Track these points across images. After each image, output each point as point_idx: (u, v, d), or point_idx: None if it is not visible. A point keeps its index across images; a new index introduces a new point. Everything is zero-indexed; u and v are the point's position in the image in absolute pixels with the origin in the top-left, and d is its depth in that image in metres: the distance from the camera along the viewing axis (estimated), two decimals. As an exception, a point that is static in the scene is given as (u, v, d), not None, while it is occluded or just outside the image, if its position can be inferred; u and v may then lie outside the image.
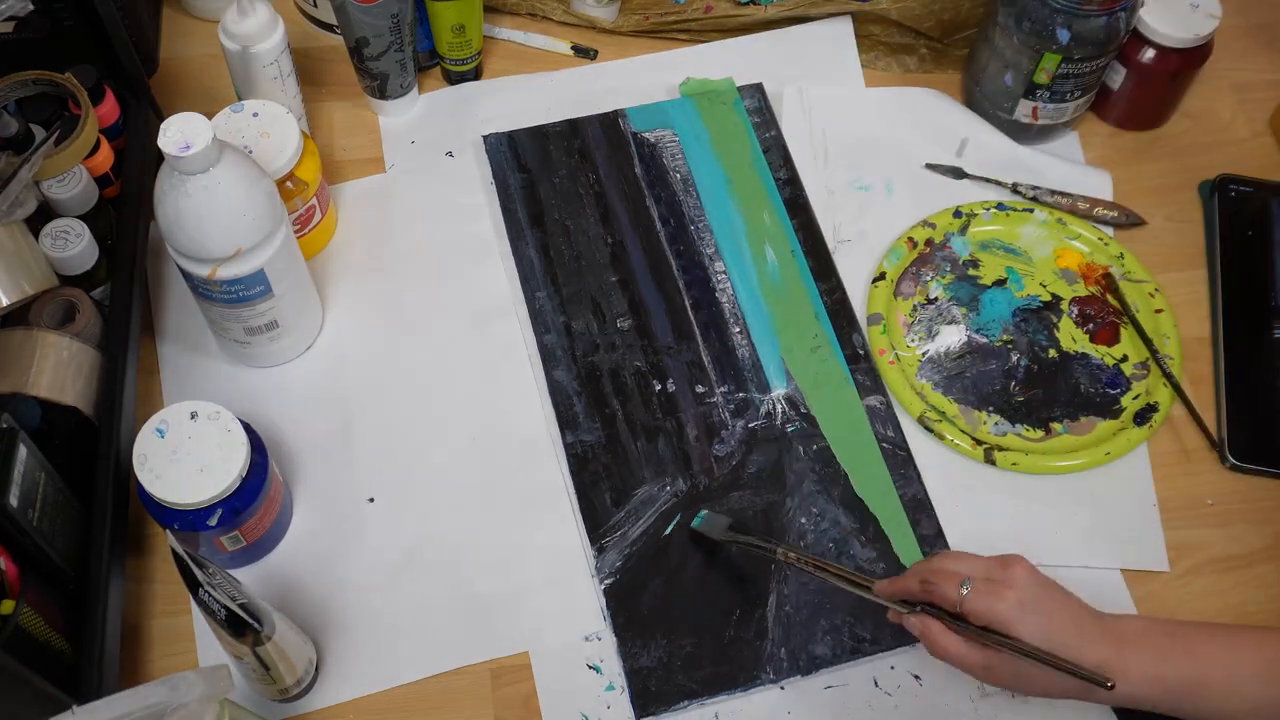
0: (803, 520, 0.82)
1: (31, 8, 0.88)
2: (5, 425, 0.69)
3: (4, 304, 0.76)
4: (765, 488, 0.83)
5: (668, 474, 0.83)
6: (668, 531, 0.81)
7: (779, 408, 0.86)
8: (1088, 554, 0.82)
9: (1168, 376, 0.86)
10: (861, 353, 0.89)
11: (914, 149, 0.99)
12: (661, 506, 0.82)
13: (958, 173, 0.97)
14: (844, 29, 1.04)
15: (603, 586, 0.79)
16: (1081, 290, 0.92)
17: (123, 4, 0.90)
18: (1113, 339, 0.89)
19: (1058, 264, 0.93)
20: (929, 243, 0.93)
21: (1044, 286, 0.92)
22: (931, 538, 0.81)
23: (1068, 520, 0.83)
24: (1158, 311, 0.90)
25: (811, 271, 0.92)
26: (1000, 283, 0.92)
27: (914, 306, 0.91)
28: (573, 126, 0.98)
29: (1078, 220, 0.94)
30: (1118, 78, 0.98)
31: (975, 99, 1.00)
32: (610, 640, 0.77)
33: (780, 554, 0.74)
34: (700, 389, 0.87)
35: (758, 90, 1.01)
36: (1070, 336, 0.89)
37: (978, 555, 0.69)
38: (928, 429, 0.85)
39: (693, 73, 1.02)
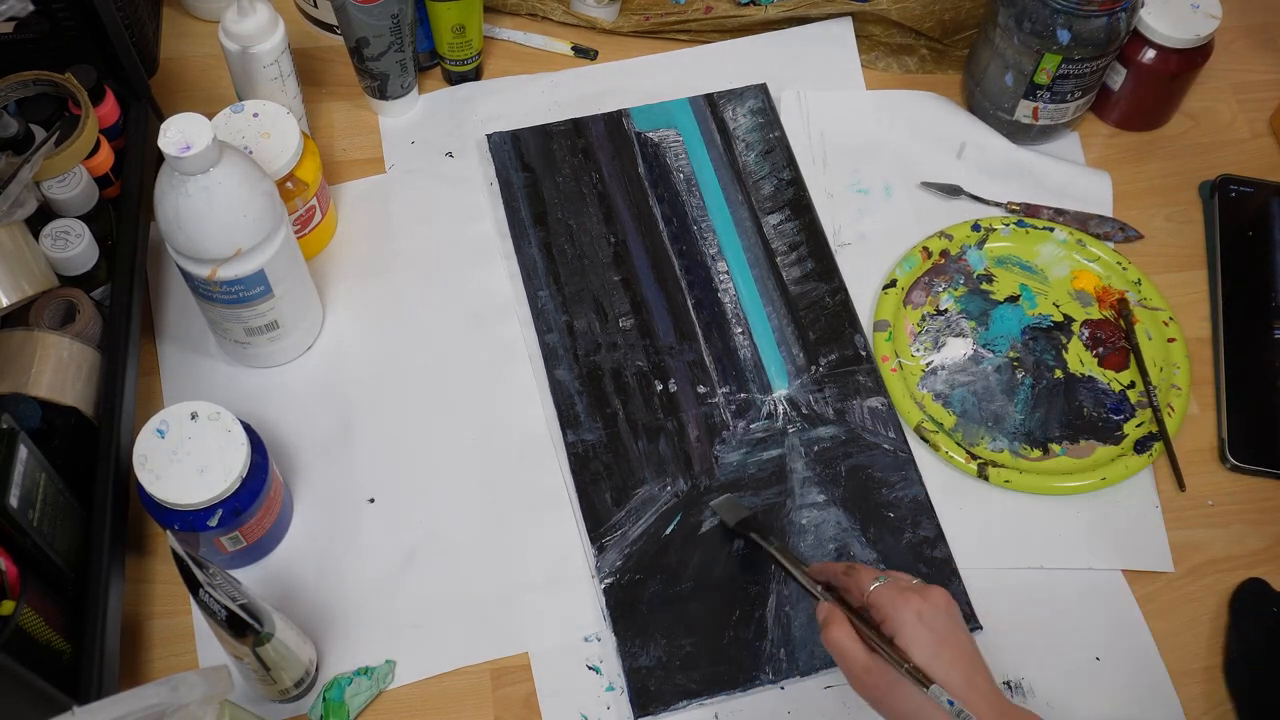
0: (803, 521, 0.82)
1: (31, 8, 0.88)
2: (5, 425, 0.69)
3: (4, 304, 0.76)
4: (766, 488, 0.83)
5: (669, 474, 0.83)
6: (668, 531, 0.81)
7: (780, 408, 0.86)
8: (1090, 556, 0.82)
9: (1155, 410, 0.86)
10: (863, 354, 0.89)
11: (912, 153, 0.99)
12: (662, 506, 0.82)
13: (954, 190, 0.96)
14: (844, 30, 1.04)
15: (603, 586, 0.79)
16: (1095, 313, 0.91)
17: (123, 4, 0.90)
18: (1122, 364, 0.89)
19: (1073, 285, 0.92)
20: (944, 254, 0.93)
21: (1057, 306, 0.91)
22: (933, 539, 0.82)
23: (1070, 522, 0.83)
24: (1170, 341, 0.89)
25: (815, 273, 0.92)
26: (1013, 299, 0.92)
27: (923, 316, 0.91)
28: (576, 126, 0.98)
29: (1097, 242, 0.93)
30: (1118, 78, 0.98)
31: (975, 99, 1.00)
32: (610, 640, 0.77)
33: (775, 548, 0.75)
34: (702, 389, 0.87)
35: (761, 91, 1.01)
36: (1079, 359, 0.89)
37: (914, 578, 0.68)
38: (923, 439, 0.85)
39: (693, 73, 1.02)
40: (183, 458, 0.72)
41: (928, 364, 0.89)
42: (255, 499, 0.74)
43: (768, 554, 0.76)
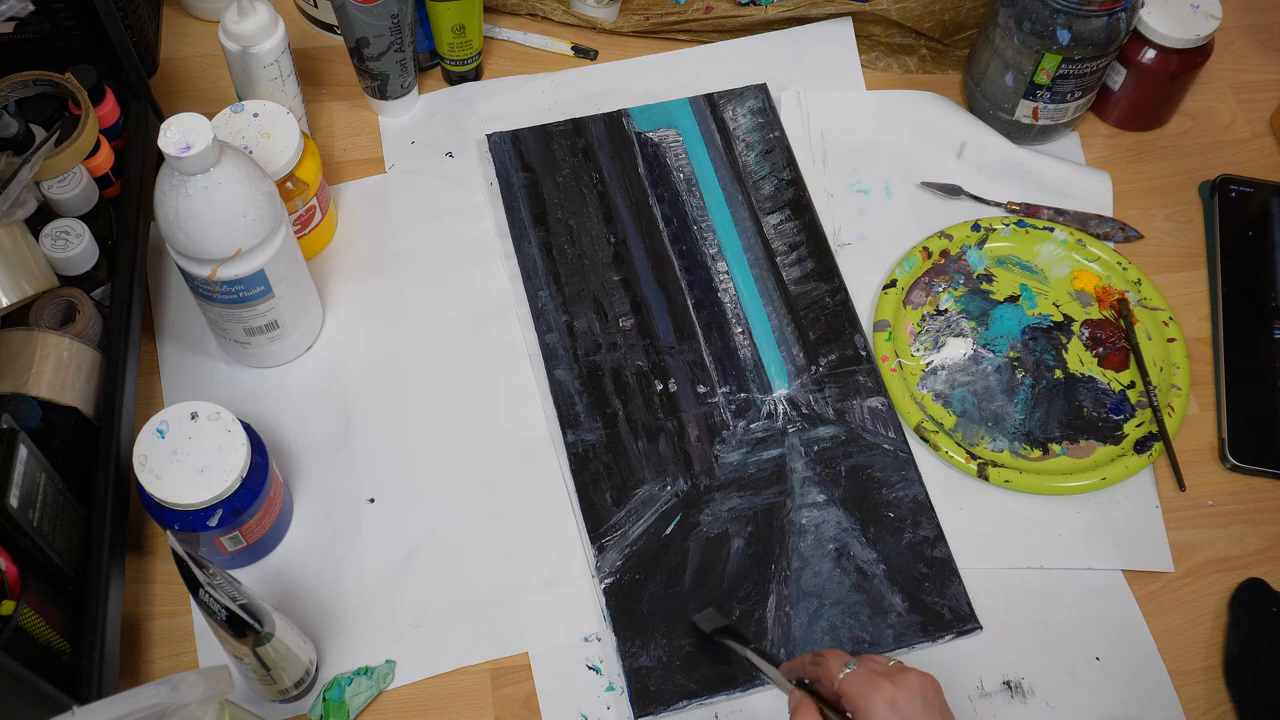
0: (803, 521, 0.82)
1: (31, 8, 0.88)
2: (5, 425, 0.69)
3: (4, 304, 0.76)
4: (766, 488, 0.83)
5: (669, 474, 0.83)
6: (668, 531, 0.81)
7: (780, 408, 0.86)
8: (1090, 556, 0.82)
9: (1154, 410, 0.86)
10: (864, 354, 0.89)
11: (912, 152, 0.99)
12: (662, 506, 0.82)
13: (954, 190, 0.96)
14: (844, 29, 1.04)
15: (603, 586, 0.79)
16: (1095, 313, 0.91)
17: (123, 4, 0.90)
18: (1122, 364, 0.89)
19: (1073, 285, 0.92)
20: (944, 254, 0.93)
21: (1057, 306, 0.91)
22: (933, 539, 0.82)
23: (1070, 522, 0.83)
24: (1170, 341, 0.89)
25: (815, 273, 0.92)
26: (1013, 299, 0.91)
27: (923, 316, 0.91)
28: (576, 126, 0.99)
29: (1097, 242, 0.93)
30: (1118, 78, 0.98)
31: (975, 99, 1.00)
32: (610, 640, 0.77)
33: (750, 650, 0.72)
34: (702, 389, 0.87)
35: (761, 91, 1.01)
36: (1079, 359, 0.89)
37: (891, 659, 0.64)
38: (923, 439, 0.85)
39: (693, 73, 1.02)
40: (183, 458, 0.72)
41: (928, 364, 0.89)
42: (255, 499, 0.74)
43: (742, 657, 0.73)
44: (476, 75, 1.02)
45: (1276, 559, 0.83)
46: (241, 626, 0.65)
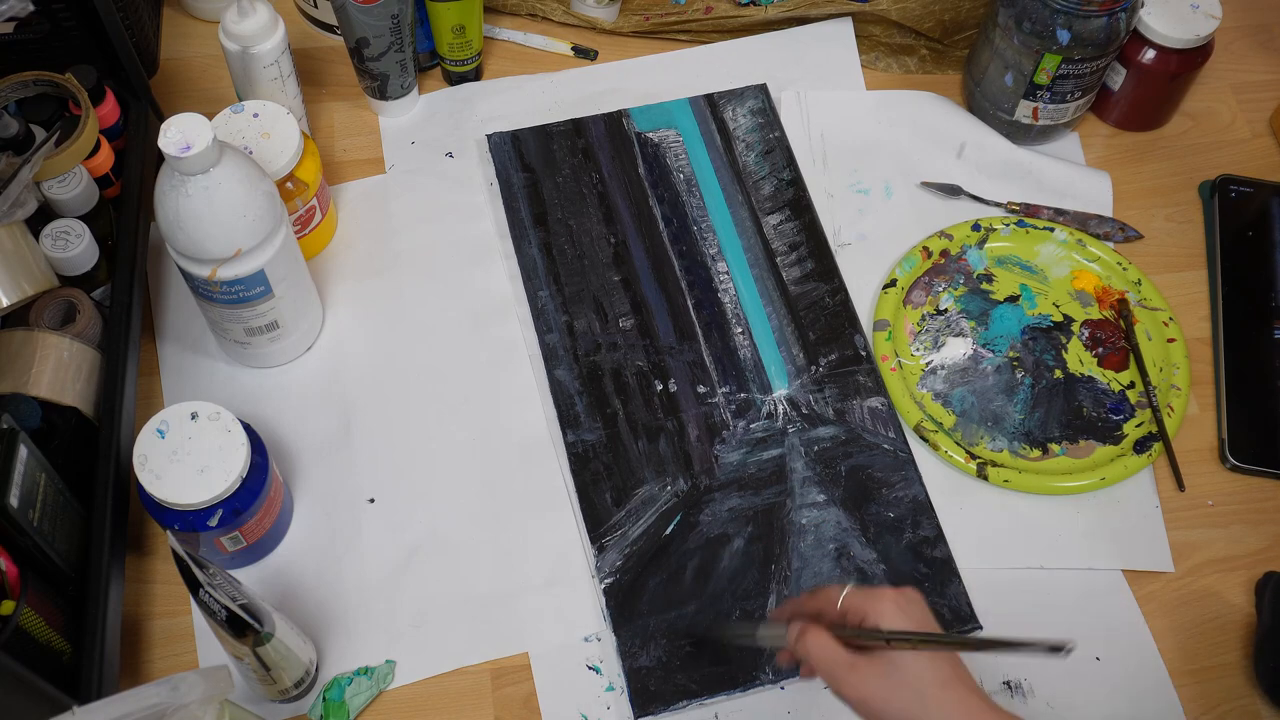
0: (803, 521, 0.82)
1: (31, 8, 0.88)
2: (5, 425, 0.69)
3: (4, 304, 0.76)
4: (766, 488, 0.83)
5: (669, 474, 0.83)
6: (668, 531, 0.81)
7: (780, 408, 0.86)
8: (1090, 556, 0.82)
9: (1154, 411, 0.86)
10: (864, 354, 0.89)
11: (912, 153, 0.99)
12: (662, 506, 0.82)
13: (954, 190, 0.96)
14: (844, 30, 1.04)
15: (603, 586, 0.79)
16: (1095, 313, 0.91)
17: (123, 4, 0.90)
18: (1122, 365, 0.89)
19: (1074, 285, 0.92)
20: (944, 254, 0.93)
21: (1057, 307, 0.91)
22: (933, 539, 0.82)
23: (1070, 523, 0.83)
24: (1170, 341, 0.89)
25: (815, 273, 0.92)
26: (1013, 299, 0.91)
27: (923, 316, 0.91)
28: (576, 126, 0.99)
29: (1097, 242, 0.93)
30: (1118, 78, 0.98)
31: (975, 100, 1.00)
32: (610, 640, 0.77)
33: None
34: (702, 389, 0.87)
35: (761, 91, 1.01)
36: (1078, 359, 0.89)
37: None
38: (923, 439, 0.85)
39: (693, 73, 1.02)
40: (183, 458, 0.72)
41: (927, 364, 0.89)
42: (255, 499, 0.74)
43: (741, 640, 0.76)
44: (476, 75, 1.02)
45: (1277, 559, 0.83)
46: (241, 626, 0.65)
